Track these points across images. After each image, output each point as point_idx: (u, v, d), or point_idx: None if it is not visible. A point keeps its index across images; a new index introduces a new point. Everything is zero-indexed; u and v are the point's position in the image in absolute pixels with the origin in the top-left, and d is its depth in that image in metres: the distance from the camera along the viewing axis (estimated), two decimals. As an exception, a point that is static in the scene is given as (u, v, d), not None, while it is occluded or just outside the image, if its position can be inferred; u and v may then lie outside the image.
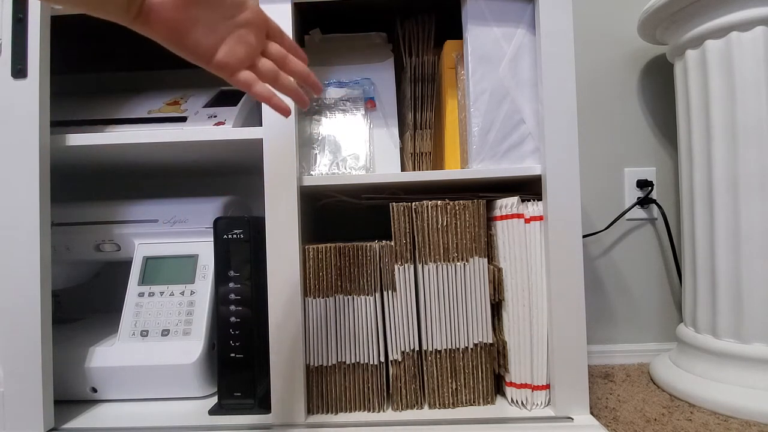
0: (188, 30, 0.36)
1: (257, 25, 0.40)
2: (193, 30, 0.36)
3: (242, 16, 0.38)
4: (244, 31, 0.39)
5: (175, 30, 0.35)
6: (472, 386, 0.59)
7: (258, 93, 0.40)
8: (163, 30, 0.35)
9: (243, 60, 0.39)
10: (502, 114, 0.59)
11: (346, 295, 0.58)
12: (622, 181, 0.90)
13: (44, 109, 0.56)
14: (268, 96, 0.40)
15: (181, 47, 0.36)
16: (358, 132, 0.64)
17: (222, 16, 0.37)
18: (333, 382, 0.58)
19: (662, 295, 0.90)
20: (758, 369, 0.64)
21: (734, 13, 0.64)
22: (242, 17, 0.38)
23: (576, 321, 0.56)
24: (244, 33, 0.39)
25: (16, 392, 0.54)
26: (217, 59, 0.38)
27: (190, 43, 0.36)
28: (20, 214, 0.55)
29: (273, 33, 0.42)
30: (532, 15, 0.58)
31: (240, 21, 0.38)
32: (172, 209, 0.70)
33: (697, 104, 0.71)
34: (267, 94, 0.40)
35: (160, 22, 0.35)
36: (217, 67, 0.38)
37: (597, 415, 0.64)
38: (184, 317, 0.65)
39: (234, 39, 0.38)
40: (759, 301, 0.65)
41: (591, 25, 0.90)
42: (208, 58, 0.38)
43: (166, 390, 0.63)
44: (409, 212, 0.58)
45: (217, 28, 0.37)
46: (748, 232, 0.65)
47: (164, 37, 0.36)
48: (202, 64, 0.38)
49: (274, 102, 0.40)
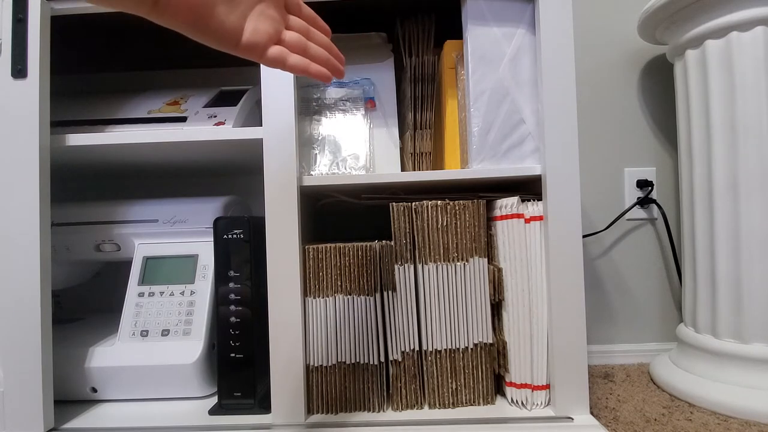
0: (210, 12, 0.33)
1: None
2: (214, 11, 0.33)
3: None
4: (264, 5, 0.36)
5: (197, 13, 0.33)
6: (472, 386, 0.59)
7: (294, 65, 0.37)
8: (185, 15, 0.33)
9: (271, 36, 0.37)
10: (502, 114, 0.59)
11: (346, 295, 0.58)
12: (622, 181, 0.90)
13: (44, 109, 0.56)
14: (305, 66, 0.38)
15: (205, 32, 0.34)
16: (358, 132, 0.64)
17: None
18: (333, 382, 0.58)
19: (662, 295, 0.90)
20: (758, 369, 0.64)
21: (734, 13, 0.64)
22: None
23: (576, 321, 0.56)
24: (265, 7, 0.36)
25: (16, 392, 0.54)
26: (246, 40, 0.35)
27: (214, 26, 0.34)
28: (20, 214, 0.55)
29: (291, 4, 0.39)
30: (532, 15, 0.58)
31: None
32: (172, 209, 0.70)
33: (697, 104, 0.71)
34: (303, 65, 0.38)
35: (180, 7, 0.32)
36: (246, 49, 0.36)
37: (597, 415, 0.64)
38: (184, 317, 0.65)
39: (256, 15, 0.36)
40: (759, 301, 0.65)
41: (591, 25, 0.90)
42: (236, 40, 0.35)
43: (166, 390, 0.63)
44: (409, 212, 0.58)
45: (239, 6, 0.35)
46: (748, 232, 0.65)
47: (186, 23, 0.33)
48: (228, 48, 0.36)
49: (313, 70, 0.38)
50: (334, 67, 0.41)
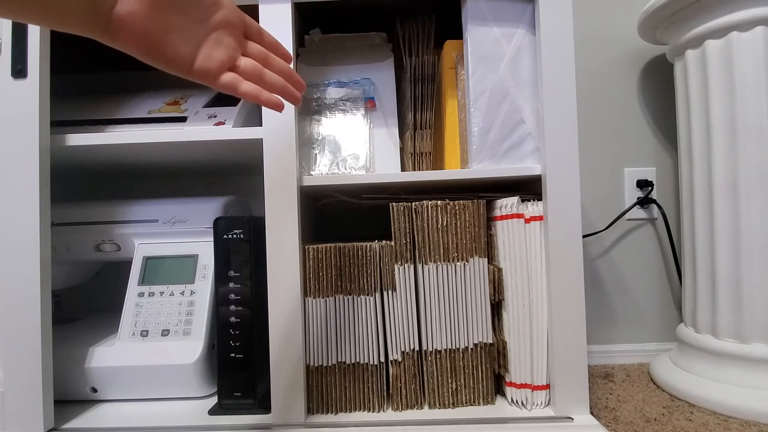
0: (163, 39, 0.33)
1: (234, 25, 0.38)
2: (168, 38, 0.34)
3: (217, 17, 0.37)
4: (220, 32, 0.37)
5: (150, 40, 0.33)
6: (472, 386, 0.59)
7: (245, 92, 0.38)
8: (137, 42, 0.33)
9: (224, 62, 0.37)
10: (502, 114, 0.59)
11: (346, 295, 0.58)
12: (622, 181, 0.90)
13: (44, 109, 0.56)
14: (256, 93, 0.38)
15: (157, 58, 0.34)
16: (358, 132, 0.64)
17: (196, 20, 0.35)
18: (333, 382, 0.58)
19: (662, 295, 0.90)
20: (758, 369, 0.64)
21: (734, 13, 0.64)
22: (217, 18, 0.37)
23: (576, 321, 0.56)
24: (221, 34, 0.37)
25: (16, 392, 0.54)
26: (197, 66, 0.36)
27: (167, 53, 0.34)
28: (20, 214, 0.55)
29: (251, 31, 0.40)
30: (532, 15, 0.58)
31: (215, 22, 0.36)
32: (172, 209, 0.70)
33: (697, 104, 0.71)
34: (254, 92, 0.38)
35: (132, 34, 0.32)
36: (198, 74, 0.36)
37: (597, 415, 0.64)
38: (184, 317, 0.65)
39: (211, 42, 0.36)
40: (759, 301, 0.65)
41: (591, 25, 0.90)
42: (188, 66, 0.36)
43: (166, 390, 0.63)
44: (409, 212, 0.58)
45: (193, 33, 0.35)
46: (748, 232, 0.65)
47: (138, 49, 0.33)
48: (181, 73, 0.36)
49: (264, 98, 0.38)
50: (290, 95, 0.41)
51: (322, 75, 0.65)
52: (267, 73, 0.39)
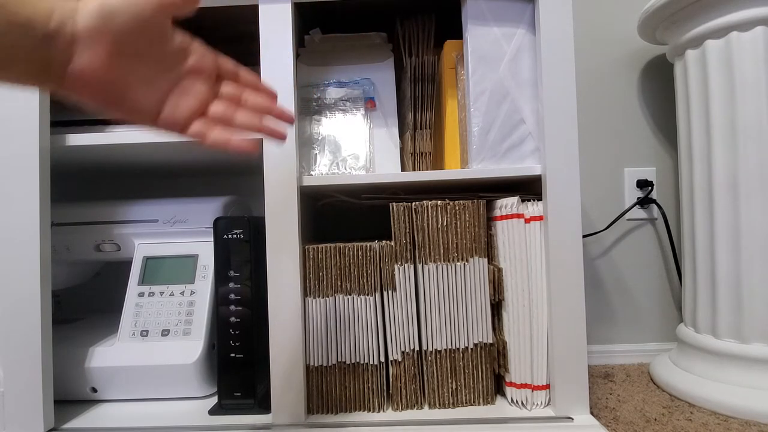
0: (124, 91, 0.31)
1: (205, 70, 0.35)
2: (129, 90, 0.32)
3: (186, 65, 0.34)
4: (190, 80, 0.34)
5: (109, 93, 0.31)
6: (472, 386, 0.59)
7: (213, 143, 0.35)
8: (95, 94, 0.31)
9: (194, 111, 0.35)
10: (502, 114, 0.59)
11: (346, 295, 0.58)
12: (622, 181, 0.90)
13: (44, 109, 0.56)
14: (225, 143, 0.35)
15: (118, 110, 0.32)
16: (358, 132, 0.64)
17: (162, 69, 0.33)
18: (333, 382, 0.58)
19: (662, 295, 0.90)
20: (758, 369, 0.64)
21: (734, 13, 0.64)
22: (186, 66, 0.34)
23: (576, 321, 0.56)
24: (190, 82, 0.34)
25: (16, 392, 0.54)
26: (163, 117, 0.33)
27: (128, 105, 0.32)
28: (20, 214, 0.55)
29: (225, 72, 0.37)
30: (532, 15, 0.58)
31: (184, 70, 0.34)
32: (172, 209, 0.70)
33: (697, 104, 0.71)
34: (222, 142, 0.35)
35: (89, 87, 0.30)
36: (165, 126, 0.34)
37: (597, 415, 0.64)
38: (184, 317, 0.65)
39: (179, 91, 0.34)
40: (759, 301, 0.65)
41: (591, 25, 0.90)
42: (153, 117, 0.33)
43: (166, 390, 0.63)
44: (409, 212, 0.58)
45: (158, 83, 0.33)
46: (748, 232, 0.65)
47: (98, 101, 0.31)
48: (145, 124, 0.34)
49: (233, 147, 0.35)
50: (269, 133, 0.38)
51: (322, 75, 0.65)
52: (238, 117, 0.37)
